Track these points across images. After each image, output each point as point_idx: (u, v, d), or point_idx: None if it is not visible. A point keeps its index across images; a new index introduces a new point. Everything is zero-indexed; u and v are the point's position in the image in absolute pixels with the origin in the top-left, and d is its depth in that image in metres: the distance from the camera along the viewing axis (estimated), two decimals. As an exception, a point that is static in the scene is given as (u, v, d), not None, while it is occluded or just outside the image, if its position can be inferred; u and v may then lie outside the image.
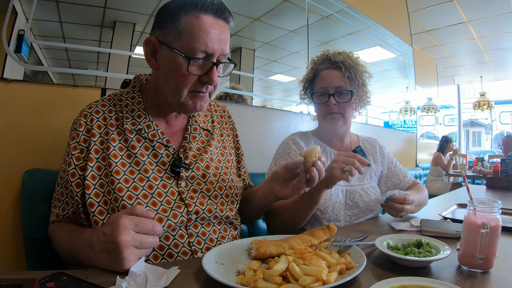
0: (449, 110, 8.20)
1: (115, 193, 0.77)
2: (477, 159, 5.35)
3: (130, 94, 0.90)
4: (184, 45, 0.76)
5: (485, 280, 0.64)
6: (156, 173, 0.83)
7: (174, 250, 0.79)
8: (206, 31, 0.76)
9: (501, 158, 3.07)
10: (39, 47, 1.26)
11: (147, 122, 0.86)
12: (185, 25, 0.76)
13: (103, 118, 0.84)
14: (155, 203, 0.79)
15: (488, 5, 4.14)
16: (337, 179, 0.92)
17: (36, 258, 1.02)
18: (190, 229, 0.83)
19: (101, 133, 0.82)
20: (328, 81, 1.20)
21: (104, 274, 0.61)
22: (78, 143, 0.81)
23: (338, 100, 1.18)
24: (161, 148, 0.85)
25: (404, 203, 1.00)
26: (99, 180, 0.79)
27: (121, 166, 0.80)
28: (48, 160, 1.16)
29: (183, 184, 0.85)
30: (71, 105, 1.25)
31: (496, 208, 0.69)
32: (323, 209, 1.15)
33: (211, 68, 0.78)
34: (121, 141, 0.83)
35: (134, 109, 0.87)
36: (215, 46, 0.77)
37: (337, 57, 1.21)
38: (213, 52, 0.77)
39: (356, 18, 2.78)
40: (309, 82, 1.29)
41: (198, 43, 0.75)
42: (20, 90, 1.15)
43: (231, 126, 1.08)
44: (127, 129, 0.84)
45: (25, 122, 1.15)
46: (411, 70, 3.81)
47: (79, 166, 0.80)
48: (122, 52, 1.45)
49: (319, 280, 0.54)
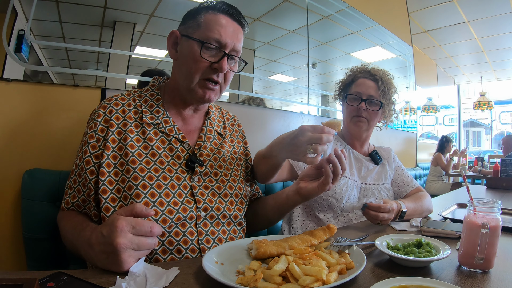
0: (449, 110, 8.20)
1: (129, 181, 0.79)
2: (477, 159, 5.35)
3: (149, 92, 0.95)
4: (201, 34, 0.86)
5: (485, 280, 0.64)
6: (171, 165, 0.86)
7: (183, 246, 0.80)
8: (221, 25, 0.86)
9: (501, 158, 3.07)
10: (39, 47, 1.26)
11: (164, 118, 0.90)
12: (204, 19, 0.87)
13: (121, 111, 0.88)
14: (168, 194, 0.81)
15: (488, 5, 4.14)
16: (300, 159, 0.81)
17: (36, 258, 1.02)
18: (200, 227, 0.84)
19: (119, 124, 0.86)
20: (364, 88, 1.32)
21: (104, 274, 0.61)
22: (95, 132, 0.84)
23: (368, 107, 1.30)
24: (176, 143, 0.89)
25: (379, 211, 1.01)
26: (114, 168, 0.81)
27: (138, 156, 0.83)
28: (48, 160, 1.16)
29: (196, 179, 0.88)
30: (71, 105, 1.25)
31: (496, 208, 0.69)
32: (339, 198, 1.21)
33: (223, 57, 0.86)
34: (139, 133, 0.86)
35: (153, 105, 0.92)
36: (228, 40, 0.86)
37: (376, 72, 1.35)
38: (226, 43, 0.86)
39: (356, 18, 2.78)
40: (346, 85, 1.41)
41: (213, 33, 0.85)
42: (20, 90, 1.15)
43: (241, 134, 1.13)
44: (146, 122, 0.88)
45: (25, 122, 1.15)
46: (411, 70, 3.81)
47: (94, 154, 0.82)
48: (122, 52, 1.45)
49: (319, 280, 0.54)
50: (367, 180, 1.33)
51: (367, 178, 1.33)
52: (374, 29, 3.04)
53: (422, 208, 1.22)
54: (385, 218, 1.02)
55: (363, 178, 1.33)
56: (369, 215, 1.02)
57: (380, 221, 1.02)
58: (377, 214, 1.01)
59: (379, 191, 1.32)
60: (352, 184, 1.27)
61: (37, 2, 1.21)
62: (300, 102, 2.40)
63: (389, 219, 1.03)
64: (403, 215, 1.10)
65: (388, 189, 1.36)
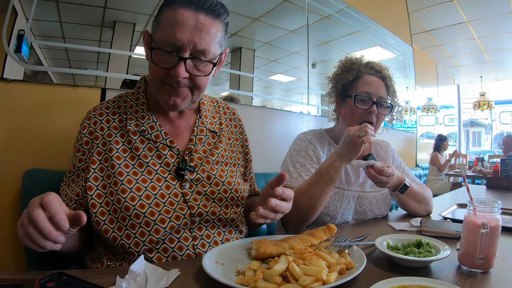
0: (449, 110, 8.20)
1: (118, 194, 0.76)
2: (477, 159, 5.35)
3: (135, 95, 0.90)
4: (159, 36, 0.76)
5: (485, 280, 0.64)
6: (160, 173, 0.82)
7: (178, 253, 0.79)
8: (178, 23, 0.73)
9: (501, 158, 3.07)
10: (39, 47, 1.26)
11: (150, 123, 0.85)
12: (163, 16, 0.76)
13: (106, 121, 0.85)
14: (158, 204, 0.79)
15: (488, 5, 4.13)
16: (358, 145, 0.98)
17: (36, 258, 1.02)
18: (195, 232, 0.82)
19: (103, 135, 0.83)
20: (374, 87, 1.17)
21: (104, 274, 0.61)
22: (81, 146, 0.83)
23: (379, 110, 1.16)
24: (165, 149, 0.85)
25: (381, 174, 1.05)
26: (101, 181, 0.79)
27: (125, 168, 0.80)
28: (48, 160, 1.16)
29: (187, 185, 0.84)
30: (71, 105, 1.25)
31: (496, 208, 0.69)
32: (333, 216, 1.16)
33: (178, 62, 0.74)
34: (125, 142, 0.83)
35: (138, 110, 0.87)
36: (184, 39, 0.73)
37: (381, 67, 1.22)
38: (182, 45, 0.73)
39: (356, 18, 2.78)
40: (349, 82, 1.21)
41: (167, 34, 0.73)
42: (20, 90, 1.15)
43: (241, 129, 1.05)
44: (131, 130, 0.84)
45: (25, 122, 1.15)
46: (411, 70, 3.81)
47: (81, 168, 0.81)
48: (122, 52, 1.45)
49: (319, 280, 0.54)
50: (365, 187, 1.25)
51: (365, 185, 1.25)
52: (374, 29, 3.04)
53: (423, 195, 1.23)
54: (384, 181, 1.06)
55: (361, 185, 1.25)
56: (371, 174, 1.06)
57: (378, 182, 1.06)
58: (377, 176, 1.05)
59: (376, 199, 1.25)
60: (348, 196, 1.20)
61: (37, 2, 1.21)
62: (300, 102, 2.40)
63: (387, 182, 1.06)
64: (405, 190, 1.12)
65: (386, 197, 1.29)
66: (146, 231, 0.76)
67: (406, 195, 1.17)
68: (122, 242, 0.76)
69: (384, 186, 1.10)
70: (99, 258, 0.81)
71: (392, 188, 1.14)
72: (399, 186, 1.12)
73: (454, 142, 8.16)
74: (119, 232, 0.76)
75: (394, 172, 1.07)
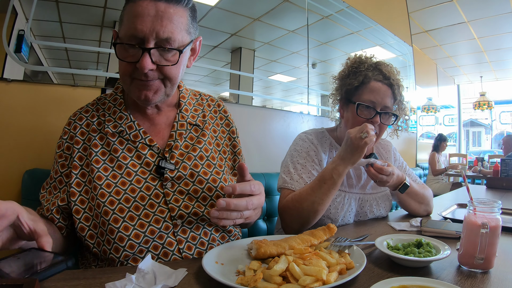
0: (449, 110, 8.20)
1: (97, 199, 0.75)
2: (477, 159, 5.34)
3: (113, 96, 0.89)
4: (121, 31, 0.74)
5: (485, 280, 0.64)
6: (140, 175, 0.79)
7: (164, 259, 0.76)
8: (137, 14, 0.71)
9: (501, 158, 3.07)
10: (39, 47, 1.26)
11: (128, 123, 0.83)
12: (124, 12, 0.75)
13: (86, 124, 0.84)
14: (138, 207, 0.76)
15: (488, 5, 4.14)
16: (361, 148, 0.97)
17: (36, 258, 1.01)
18: (179, 235, 0.79)
19: (84, 140, 0.82)
20: (379, 96, 1.10)
21: (104, 274, 0.61)
22: (63, 151, 0.82)
23: (382, 121, 1.11)
24: (144, 149, 0.82)
25: (381, 172, 1.05)
26: (84, 187, 0.78)
27: (103, 171, 0.78)
28: (48, 160, 1.16)
29: (168, 185, 0.81)
30: (71, 105, 1.25)
31: (496, 208, 0.69)
32: (334, 218, 1.16)
33: (142, 54, 0.71)
34: (104, 145, 0.81)
35: (116, 111, 0.85)
36: (145, 30, 0.70)
37: (390, 73, 1.13)
38: (143, 36, 0.71)
39: (356, 18, 2.78)
40: (354, 88, 1.15)
41: (128, 28, 0.72)
42: (20, 90, 1.15)
43: (227, 121, 0.99)
44: (109, 132, 0.82)
45: (25, 122, 1.15)
46: (411, 70, 3.81)
47: (64, 174, 0.81)
48: (122, 52, 1.45)
49: (319, 280, 0.54)
50: (366, 189, 1.23)
51: (367, 186, 1.24)
52: (374, 29, 3.04)
53: (423, 195, 1.23)
54: (383, 180, 1.06)
55: (363, 187, 1.23)
56: (370, 173, 1.06)
57: (378, 180, 1.06)
58: (377, 174, 1.05)
59: (377, 201, 1.24)
60: (350, 198, 1.18)
61: (37, 2, 1.21)
62: (300, 102, 2.40)
63: (387, 181, 1.06)
64: (405, 189, 1.12)
65: (386, 198, 1.28)
66: (125, 235, 0.73)
67: (406, 195, 1.17)
68: (104, 247, 0.75)
69: (384, 185, 1.10)
70: (89, 264, 0.80)
71: (392, 187, 1.13)
72: (399, 185, 1.12)
73: (454, 142, 8.16)
74: (101, 237, 0.75)
75: (394, 171, 1.07)
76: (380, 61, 1.19)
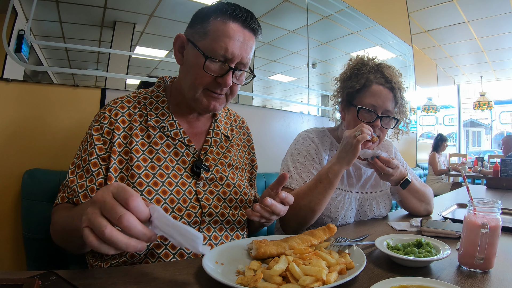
0: (449, 110, 8.20)
1: (134, 187, 0.77)
2: (477, 159, 5.34)
3: (155, 93, 0.93)
4: (207, 45, 0.80)
5: (485, 280, 0.64)
6: (176, 170, 0.84)
7: (186, 250, 0.80)
8: (230, 36, 0.79)
9: (501, 158, 3.07)
10: (39, 47, 1.26)
11: (170, 121, 0.88)
12: (211, 27, 0.80)
13: (127, 114, 0.86)
14: (173, 200, 0.80)
15: (488, 5, 4.14)
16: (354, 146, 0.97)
17: (36, 258, 1.02)
18: (203, 232, 0.84)
19: (125, 128, 0.84)
20: (380, 100, 1.10)
21: (104, 274, 0.61)
22: (102, 135, 0.82)
23: (383, 125, 1.12)
24: (182, 147, 0.87)
25: (387, 165, 1.06)
26: (120, 173, 0.80)
27: (143, 161, 0.81)
28: (48, 160, 1.17)
29: (201, 184, 0.87)
30: (71, 105, 1.25)
31: (496, 208, 0.69)
32: (335, 217, 1.16)
33: (227, 72, 0.81)
34: (144, 137, 0.85)
35: (158, 107, 0.89)
36: (235, 52, 0.80)
37: (392, 76, 1.13)
38: (232, 58, 0.80)
39: (356, 18, 2.78)
40: (356, 91, 1.15)
41: (219, 46, 0.79)
42: (20, 90, 1.15)
43: (248, 137, 1.10)
44: (151, 125, 0.86)
45: (25, 122, 1.15)
46: (411, 70, 3.81)
47: (101, 157, 0.81)
48: (122, 52, 1.45)
49: (319, 280, 0.54)
50: (365, 188, 1.24)
51: (366, 186, 1.25)
52: (374, 29, 3.04)
53: (424, 193, 1.23)
54: (389, 173, 1.06)
55: (362, 186, 1.24)
56: (377, 165, 1.06)
57: (383, 173, 1.07)
58: (383, 167, 1.06)
59: (377, 200, 1.24)
60: (350, 197, 1.19)
61: (37, 2, 1.21)
62: (300, 102, 2.40)
63: (392, 175, 1.07)
64: (406, 185, 1.13)
65: (387, 197, 1.28)
66: None
67: (407, 192, 1.17)
68: None
69: (387, 179, 1.11)
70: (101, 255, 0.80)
71: (394, 182, 1.13)
72: (401, 180, 1.12)
73: (454, 142, 8.16)
74: None
75: (398, 165, 1.08)
76: (382, 63, 1.18)
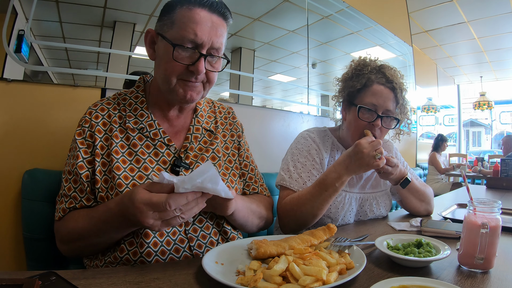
0: (449, 110, 8.19)
1: (116, 189, 0.78)
2: (477, 159, 5.34)
3: (134, 94, 0.92)
4: (174, 33, 0.79)
5: (485, 280, 0.64)
6: (156, 171, 0.84)
7: (175, 255, 0.80)
8: (196, 22, 0.78)
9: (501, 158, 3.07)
10: (39, 47, 1.26)
11: (149, 121, 0.87)
12: (177, 15, 0.79)
13: (107, 116, 0.87)
14: None
15: (488, 5, 4.13)
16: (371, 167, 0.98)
17: (36, 258, 1.02)
18: (190, 233, 0.83)
19: (106, 130, 0.85)
20: (381, 99, 1.10)
21: (104, 274, 0.61)
22: (85, 139, 0.83)
23: (383, 124, 1.11)
24: (162, 147, 0.87)
25: (387, 163, 1.06)
26: (103, 175, 0.81)
27: (122, 163, 0.81)
28: (48, 160, 1.16)
29: None
30: (71, 105, 1.25)
31: (496, 208, 0.69)
32: (335, 218, 1.16)
33: (199, 58, 0.79)
34: (123, 138, 0.85)
35: (137, 108, 0.89)
36: (204, 38, 0.78)
37: (393, 76, 1.13)
38: (201, 43, 0.78)
39: (356, 18, 2.78)
40: (357, 91, 1.14)
41: (187, 32, 0.77)
42: (20, 90, 1.15)
43: (235, 126, 1.06)
44: (129, 127, 0.86)
45: (25, 122, 1.15)
46: (411, 70, 3.81)
47: (86, 160, 0.82)
48: (122, 52, 1.45)
49: (319, 280, 0.54)
50: (366, 188, 1.24)
51: (367, 186, 1.24)
52: (374, 29, 3.04)
53: (424, 193, 1.23)
54: (389, 171, 1.07)
55: (363, 186, 1.23)
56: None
57: (382, 171, 1.07)
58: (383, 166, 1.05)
59: (377, 200, 1.24)
60: (350, 198, 1.18)
61: (37, 2, 1.21)
62: (300, 102, 2.40)
63: (391, 173, 1.08)
64: (406, 184, 1.13)
65: (387, 197, 1.28)
66: (139, 232, 0.77)
67: (407, 191, 1.17)
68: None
69: (387, 178, 1.11)
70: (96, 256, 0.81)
71: (394, 181, 1.13)
72: (401, 179, 1.12)
73: (454, 142, 8.16)
74: None
75: (397, 164, 1.08)
76: (384, 64, 1.18)
